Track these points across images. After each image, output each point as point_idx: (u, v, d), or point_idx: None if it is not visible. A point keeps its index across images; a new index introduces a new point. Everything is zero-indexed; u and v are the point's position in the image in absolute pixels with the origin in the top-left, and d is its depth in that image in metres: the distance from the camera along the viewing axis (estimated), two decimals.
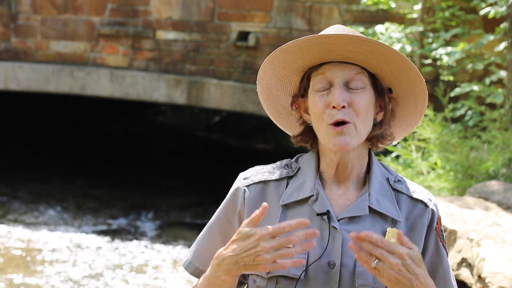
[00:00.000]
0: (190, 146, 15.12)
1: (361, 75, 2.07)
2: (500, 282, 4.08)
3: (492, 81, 7.43)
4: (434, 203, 2.14)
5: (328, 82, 2.08)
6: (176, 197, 10.65)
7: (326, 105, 2.06)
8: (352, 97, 2.05)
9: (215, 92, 9.42)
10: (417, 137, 6.76)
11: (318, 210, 2.08)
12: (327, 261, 2.04)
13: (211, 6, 9.46)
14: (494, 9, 7.05)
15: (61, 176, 11.53)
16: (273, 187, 2.15)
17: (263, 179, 2.16)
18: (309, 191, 2.10)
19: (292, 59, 2.12)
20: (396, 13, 8.51)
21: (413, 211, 2.12)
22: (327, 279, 2.04)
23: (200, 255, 2.20)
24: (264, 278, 2.08)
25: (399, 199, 2.13)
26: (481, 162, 6.05)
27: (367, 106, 2.07)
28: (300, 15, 9.13)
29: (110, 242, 8.54)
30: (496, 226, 4.68)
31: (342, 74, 2.07)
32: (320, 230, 2.05)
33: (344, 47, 2.04)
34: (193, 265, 2.20)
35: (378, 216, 2.09)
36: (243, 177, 2.18)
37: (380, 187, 2.12)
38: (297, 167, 2.16)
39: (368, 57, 2.06)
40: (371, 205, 2.09)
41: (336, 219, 2.07)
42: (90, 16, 9.84)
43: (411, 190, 2.14)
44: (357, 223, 2.08)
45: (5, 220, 9.12)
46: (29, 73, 9.93)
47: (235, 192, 2.17)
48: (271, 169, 2.18)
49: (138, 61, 9.73)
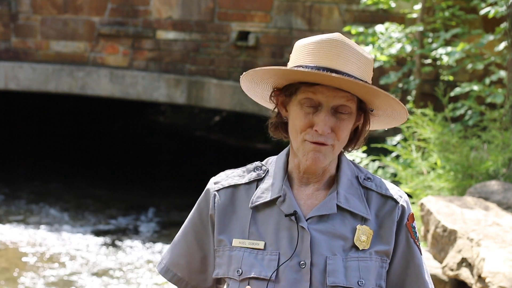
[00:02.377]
0: (190, 146, 15.12)
1: (351, 101, 2.06)
2: (500, 282, 4.08)
3: (492, 81, 7.43)
4: (405, 200, 2.15)
5: (317, 102, 2.05)
6: (176, 197, 10.65)
7: (310, 124, 2.05)
8: (337, 123, 2.05)
9: (215, 92, 9.42)
10: (417, 137, 6.76)
11: (286, 211, 2.09)
12: (298, 261, 2.06)
13: (211, 6, 9.46)
14: (494, 9, 7.05)
15: (61, 176, 11.53)
16: (243, 190, 2.16)
17: (233, 183, 2.18)
18: (277, 192, 2.11)
19: (282, 74, 2.09)
20: (396, 13, 8.51)
21: (383, 208, 2.13)
22: (299, 278, 2.05)
23: (177, 261, 2.23)
24: (237, 281, 2.10)
25: (369, 196, 2.13)
26: (481, 162, 6.05)
27: (348, 131, 2.08)
28: (300, 15, 9.13)
29: (110, 242, 8.55)
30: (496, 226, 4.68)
31: (333, 99, 2.04)
32: (290, 231, 2.07)
33: (339, 81, 2.01)
34: (170, 272, 2.23)
35: (347, 214, 2.10)
36: (214, 181, 2.21)
37: (349, 186, 2.13)
38: (266, 169, 2.18)
39: (364, 91, 2.04)
40: (339, 204, 2.09)
41: (304, 219, 2.08)
42: (90, 16, 9.84)
43: (381, 187, 2.15)
44: (326, 221, 2.09)
45: (5, 220, 9.12)
46: (29, 73, 9.93)
47: (206, 196, 2.20)
48: (241, 173, 2.20)
49: (138, 61, 9.73)
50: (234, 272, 2.10)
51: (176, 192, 10.93)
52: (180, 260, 2.22)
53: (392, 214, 2.12)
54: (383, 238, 2.10)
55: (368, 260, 2.08)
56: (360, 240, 2.08)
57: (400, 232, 2.12)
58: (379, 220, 2.12)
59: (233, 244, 2.11)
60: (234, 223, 2.13)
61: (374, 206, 2.13)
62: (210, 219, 2.17)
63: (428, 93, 8.21)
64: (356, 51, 2.06)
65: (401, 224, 2.13)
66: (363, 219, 2.10)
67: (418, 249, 2.15)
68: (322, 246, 2.06)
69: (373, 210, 2.12)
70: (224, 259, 2.13)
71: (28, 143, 13.46)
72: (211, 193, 2.18)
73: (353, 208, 2.10)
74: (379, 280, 2.09)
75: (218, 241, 2.14)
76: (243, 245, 2.10)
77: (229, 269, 2.11)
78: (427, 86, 8.25)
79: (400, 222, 2.13)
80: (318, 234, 2.07)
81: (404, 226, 2.13)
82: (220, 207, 2.15)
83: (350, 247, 2.08)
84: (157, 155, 13.83)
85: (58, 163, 12.52)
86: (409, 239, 2.13)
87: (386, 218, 2.12)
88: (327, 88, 2.04)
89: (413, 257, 2.14)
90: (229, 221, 2.14)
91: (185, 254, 2.21)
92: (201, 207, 2.20)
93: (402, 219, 2.13)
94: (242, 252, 2.10)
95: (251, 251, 2.09)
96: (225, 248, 2.12)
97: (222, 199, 2.16)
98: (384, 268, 2.10)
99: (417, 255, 2.14)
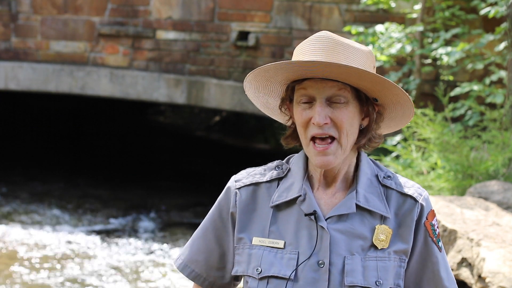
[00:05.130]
0: (190, 146, 15.12)
1: (343, 90, 2.07)
2: (500, 282, 4.08)
3: (492, 81, 7.43)
4: (425, 198, 2.15)
5: (311, 96, 2.07)
6: (176, 197, 10.65)
7: (308, 119, 2.07)
8: (334, 112, 2.06)
9: (215, 92, 9.42)
10: (417, 137, 6.76)
11: (306, 210, 2.10)
12: (316, 260, 2.07)
13: (211, 6, 9.46)
14: (494, 9, 7.05)
15: (61, 176, 11.53)
16: (264, 188, 2.17)
17: (254, 181, 2.18)
18: (297, 192, 2.13)
19: (273, 75, 2.12)
20: (396, 13, 8.51)
21: (403, 206, 2.13)
22: (317, 278, 2.06)
23: (195, 258, 2.24)
24: (256, 279, 2.11)
25: (389, 195, 2.14)
26: (481, 162, 6.04)
27: (350, 120, 2.08)
28: (300, 15, 9.13)
29: (110, 242, 8.54)
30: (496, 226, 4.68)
31: (323, 90, 2.06)
32: (309, 230, 2.09)
33: (323, 70, 2.03)
34: (188, 268, 2.25)
35: (366, 213, 2.11)
36: (235, 179, 2.21)
37: (368, 185, 2.13)
38: (288, 168, 2.19)
39: (349, 76, 2.04)
40: (358, 203, 2.10)
41: (324, 219, 2.09)
42: (90, 16, 9.84)
43: (401, 185, 2.15)
44: (345, 221, 2.09)
45: (5, 220, 9.12)
46: (29, 73, 9.93)
47: (227, 194, 2.20)
48: (262, 171, 2.21)
49: (138, 61, 9.73)
50: (253, 270, 2.11)
51: (176, 192, 10.93)
52: (198, 256, 2.23)
53: (411, 212, 2.13)
54: (402, 237, 2.11)
55: (386, 260, 2.09)
56: (379, 239, 2.09)
57: (418, 231, 2.13)
58: (398, 219, 2.12)
59: (253, 243, 2.13)
60: (255, 222, 2.14)
61: (394, 204, 2.13)
62: (231, 217, 2.18)
63: (428, 93, 8.21)
64: (343, 43, 2.07)
65: (420, 223, 2.13)
66: (382, 218, 2.11)
67: (436, 247, 2.15)
68: (340, 245, 2.07)
69: (392, 208, 2.12)
70: (244, 257, 2.14)
71: (28, 143, 13.46)
72: (232, 191, 2.19)
73: (373, 207, 2.11)
74: (397, 280, 2.10)
75: (238, 239, 2.15)
76: (263, 244, 2.11)
77: (248, 267, 2.12)
78: (427, 86, 8.25)
79: (419, 220, 2.13)
80: (337, 233, 2.08)
81: (422, 225, 2.13)
82: (242, 205, 2.17)
83: (369, 247, 2.09)
84: (157, 155, 13.83)
85: (58, 163, 12.52)
86: (427, 238, 2.14)
87: (406, 216, 2.12)
88: (315, 81, 2.06)
89: (430, 256, 2.14)
90: (250, 219, 2.16)
91: (203, 250, 2.23)
92: (222, 204, 2.21)
93: (421, 218, 2.13)
94: (262, 251, 2.11)
95: (270, 249, 2.10)
96: (245, 246, 2.14)
97: (243, 196, 2.17)
98: (402, 267, 2.11)
99: (434, 253, 2.14)
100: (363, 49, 2.09)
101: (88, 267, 7.71)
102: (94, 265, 7.78)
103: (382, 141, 2.18)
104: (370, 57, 2.10)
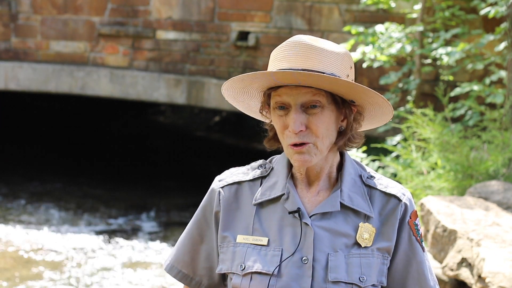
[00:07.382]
0: (190, 146, 15.12)
1: (318, 95, 2.08)
2: (500, 282, 4.08)
3: (492, 81, 7.43)
4: (408, 198, 2.18)
5: (286, 103, 2.09)
6: (176, 197, 10.65)
7: (285, 126, 2.09)
8: (309, 119, 2.07)
9: (215, 92, 9.42)
10: (417, 137, 6.76)
11: (290, 208, 2.13)
12: (300, 257, 2.09)
13: (211, 6, 9.46)
14: (494, 9, 7.05)
15: (61, 176, 11.53)
16: (247, 187, 2.20)
17: (237, 180, 2.21)
18: (280, 190, 2.15)
19: (248, 84, 2.15)
20: (396, 13, 8.51)
21: (386, 206, 2.16)
22: (301, 274, 2.08)
23: (181, 258, 2.28)
24: (239, 275, 2.13)
25: (372, 194, 2.17)
26: (481, 162, 6.04)
27: (326, 124, 2.09)
28: (300, 15, 9.13)
29: (110, 242, 8.54)
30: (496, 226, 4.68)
31: (298, 97, 2.07)
32: (293, 227, 2.11)
33: (296, 78, 2.04)
34: (175, 268, 2.29)
35: (350, 212, 2.13)
36: (218, 179, 2.25)
37: (352, 184, 2.16)
38: (271, 167, 2.22)
39: (323, 83, 2.05)
40: (343, 201, 2.13)
41: (308, 216, 2.11)
42: (90, 16, 9.84)
43: (384, 185, 2.18)
44: (329, 219, 2.12)
45: (5, 220, 9.12)
46: (29, 73, 9.93)
47: (211, 194, 2.24)
48: (246, 170, 2.24)
49: (138, 61, 9.73)
50: (237, 267, 2.13)
51: (176, 192, 10.92)
52: (184, 257, 2.27)
53: (395, 211, 2.15)
54: (385, 235, 2.13)
55: (370, 257, 2.11)
56: (363, 238, 2.11)
57: (402, 230, 2.15)
58: (382, 218, 2.15)
59: (237, 241, 2.15)
60: (239, 220, 2.17)
61: (378, 204, 2.16)
62: (215, 216, 2.21)
63: (428, 93, 8.21)
64: (317, 47, 2.07)
65: (404, 222, 2.16)
66: (366, 217, 2.14)
67: (420, 247, 2.18)
68: (324, 242, 2.09)
69: (376, 208, 2.15)
70: (228, 255, 2.16)
71: (28, 143, 13.46)
72: (216, 190, 2.23)
73: (356, 206, 2.13)
74: (380, 277, 2.12)
75: (222, 237, 2.18)
76: (247, 241, 2.14)
77: (232, 264, 2.14)
78: (427, 86, 8.25)
79: (403, 220, 2.16)
80: (321, 230, 2.10)
81: (406, 224, 2.16)
82: (225, 203, 2.19)
83: (353, 244, 2.11)
84: (157, 155, 13.83)
85: (58, 163, 12.52)
86: (411, 237, 2.16)
87: (389, 215, 2.15)
88: (290, 88, 2.07)
89: (415, 255, 2.16)
90: (234, 217, 2.18)
91: (189, 251, 2.26)
92: (206, 205, 2.25)
93: (405, 217, 2.16)
94: (246, 248, 2.13)
95: (254, 247, 2.13)
96: (229, 244, 2.16)
97: (227, 195, 2.20)
98: (385, 264, 2.13)
99: (419, 252, 2.17)
100: (339, 51, 2.10)
101: (88, 267, 7.71)
102: (93, 265, 7.78)
103: (363, 141, 2.21)
104: (346, 58, 2.11)
